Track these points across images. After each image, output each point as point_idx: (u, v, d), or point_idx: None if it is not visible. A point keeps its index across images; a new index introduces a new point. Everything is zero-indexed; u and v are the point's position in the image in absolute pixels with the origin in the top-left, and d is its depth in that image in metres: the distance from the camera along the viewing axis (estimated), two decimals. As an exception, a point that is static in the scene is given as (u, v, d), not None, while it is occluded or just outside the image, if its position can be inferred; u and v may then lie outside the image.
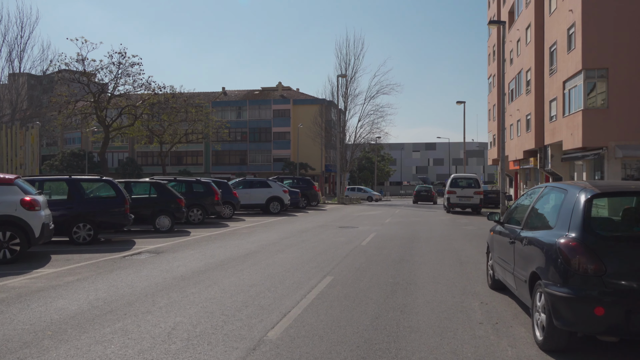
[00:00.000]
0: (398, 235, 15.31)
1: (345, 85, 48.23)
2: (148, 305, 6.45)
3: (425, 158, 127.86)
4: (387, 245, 12.87)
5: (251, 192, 25.48)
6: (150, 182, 16.15)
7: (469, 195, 27.67)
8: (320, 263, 9.84)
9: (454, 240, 14.24)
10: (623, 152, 23.60)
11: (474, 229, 18.27)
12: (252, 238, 14.25)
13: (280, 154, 79.34)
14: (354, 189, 54.85)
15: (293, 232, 15.98)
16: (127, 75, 30.34)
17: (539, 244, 5.12)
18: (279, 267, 9.37)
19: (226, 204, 21.92)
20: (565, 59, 27.40)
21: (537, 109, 34.37)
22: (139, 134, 34.31)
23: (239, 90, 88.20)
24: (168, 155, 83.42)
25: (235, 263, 9.79)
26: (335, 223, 20.00)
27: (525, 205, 6.65)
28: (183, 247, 12.27)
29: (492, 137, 55.77)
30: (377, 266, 9.56)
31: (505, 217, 7.13)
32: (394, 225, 19.49)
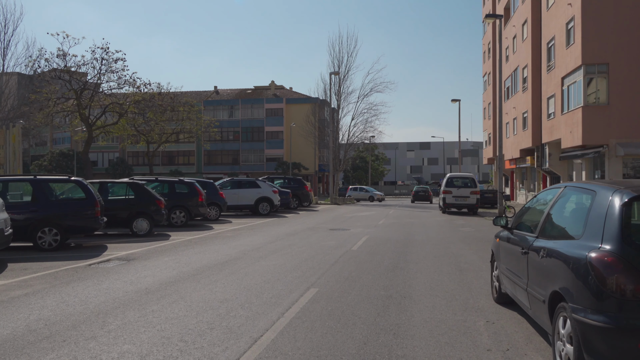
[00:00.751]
0: (392, 239, 14.37)
1: (339, 83, 47.29)
2: (96, 328, 5.47)
3: (420, 157, 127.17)
4: (379, 249, 11.93)
5: (239, 193, 24.48)
6: (127, 182, 15.13)
7: (465, 195, 26.79)
8: (305, 272, 8.88)
9: (452, 244, 13.32)
10: (625, 150, 22.79)
11: (471, 230, 17.36)
12: (235, 242, 13.27)
13: (273, 153, 78.30)
14: (356, 189, 53.72)
15: (280, 236, 15.01)
16: (112, 71, 29.24)
17: (561, 257, 4.18)
18: (258, 277, 8.40)
19: (212, 205, 20.93)
20: (563, 54, 26.58)
21: (534, 107, 33.56)
22: (124, 132, 33.17)
23: (231, 89, 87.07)
24: (159, 155, 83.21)
25: (211, 272, 8.81)
26: (326, 225, 19.05)
27: (538, 208, 5.72)
28: (158, 253, 11.27)
29: (487, 136, 55.00)
30: (368, 275, 8.61)
31: (513, 222, 6.19)
32: (387, 227, 18.56)
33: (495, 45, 48.62)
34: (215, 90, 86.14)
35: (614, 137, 23.43)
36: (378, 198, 52.75)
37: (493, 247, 7.03)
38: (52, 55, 27.78)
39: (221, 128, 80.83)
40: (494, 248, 6.97)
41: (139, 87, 30.58)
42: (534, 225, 5.45)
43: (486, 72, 54.92)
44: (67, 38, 27.42)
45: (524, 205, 6.23)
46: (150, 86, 31.59)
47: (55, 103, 28.35)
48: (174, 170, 76.00)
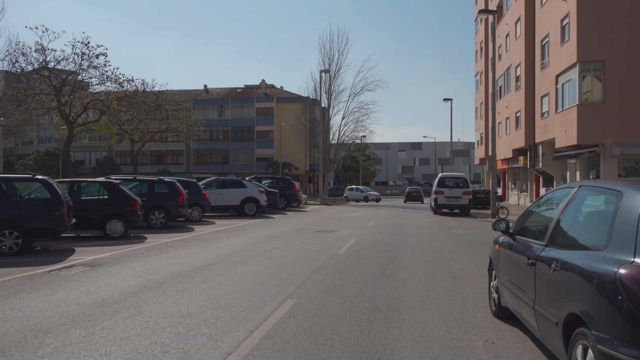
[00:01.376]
0: (381, 242, 13.61)
1: (329, 81, 46.58)
2: (28, 352, 4.65)
3: (411, 158, 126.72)
4: (367, 254, 11.16)
5: (224, 193, 23.64)
6: (100, 182, 14.24)
7: (457, 195, 26.12)
8: (284, 280, 8.09)
9: (444, 247, 12.58)
10: (620, 149, 22.20)
11: (464, 233, 16.65)
12: (213, 245, 12.45)
13: (263, 153, 77.40)
14: (352, 189, 53.26)
15: (263, 238, 14.20)
16: (94, 67, 28.21)
17: (581, 272, 3.43)
18: (231, 286, 7.60)
19: (195, 205, 20.09)
20: (558, 51, 25.98)
21: (527, 106, 32.99)
22: (106, 130, 32.16)
23: (221, 88, 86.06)
24: (147, 154, 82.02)
25: (180, 280, 8.00)
26: (312, 227, 18.26)
27: (546, 212, 4.98)
28: (127, 257, 10.43)
29: (479, 136, 54.47)
30: (353, 284, 7.83)
31: (515, 227, 5.44)
32: (377, 228, 17.81)
33: (487, 44, 48.11)
34: (205, 89, 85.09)
35: (609, 136, 22.83)
36: (373, 198, 51.53)
37: (492, 254, 6.27)
38: (30, 49, 26.77)
39: (211, 127, 79.95)
40: (492, 255, 6.21)
41: (121, 83, 29.58)
42: (541, 231, 4.70)
43: (478, 72, 54.40)
44: (46, 32, 26.43)
45: (527, 208, 5.47)
46: (134, 82, 30.64)
47: (32, 99, 27.27)
48: (163, 170, 74.90)
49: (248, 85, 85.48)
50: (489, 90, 47.47)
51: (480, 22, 52.70)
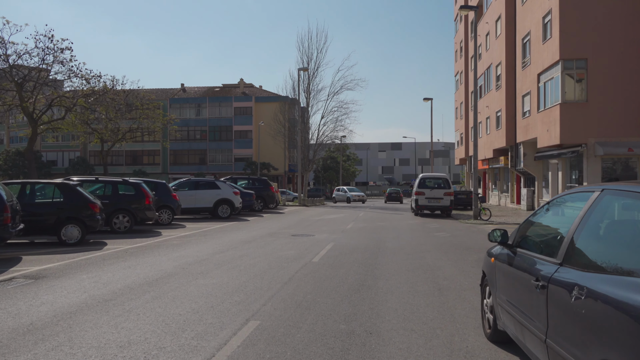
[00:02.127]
0: (360, 246, 12.75)
1: (308, 80, 45.71)
2: None
3: (391, 158, 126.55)
4: (345, 261, 10.27)
5: (197, 194, 22.54)
6: (54, 183, 13.07)
7: (438, 196, 25.44)
8: (249, 294, 7.15)
9: (427, 253, 11.77)
10: (604, 149, 21.75)
11: (447, 236, 15.89)
12: (178, 252, 11.43)
13: (241, 153, 76.09)
14: (339, 190, 53.01)
15: (233, 244, 13.22)
16: (59, 62, 26.74)
17: (621, 306, 2.57)
18: (187, 303, 6.63)
19: (164, 208, 19.00)
20: (540, 49, 25.51)
21: (508, 105, 32.56)
22: (73, 129, 30.65)
23: (198, 87, 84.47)
24: (122, 154, 80.00)
25: (130, 296, 7.00)
26: (288, 230, 17.33)
27: (555, 220, 4.14)
28: (78, 268, 9.36)
29: (459, 136, 54.16)
30: (327, 299, 6.93)
31: (516, 237, 4.60)
32: (356, 232, 16.95)
33: (467, 43, 47.76)
34: (182, 88, 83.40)
35: (592, 136, 22.39)
36: (356, 198, 49.77)
37: (485, 268, 5.42)
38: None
39: (188, 127, 78.38)
40: (486, 269, 5.36)
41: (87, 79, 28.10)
42: (550, 244, 3.86)
43: (458, 71, 54.08)
44: (7, 24, 24.94)
45: (530, 215, 4.61)
46: (102, 79, 29.20)
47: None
48: (138, 171, 73.10)
49: (226, 84, 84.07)
50: (469, 89, 47.12)
51: (460, 21, 52.38)
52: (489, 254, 5.32)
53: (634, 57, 22.13)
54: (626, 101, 22.18)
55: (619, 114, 22.22)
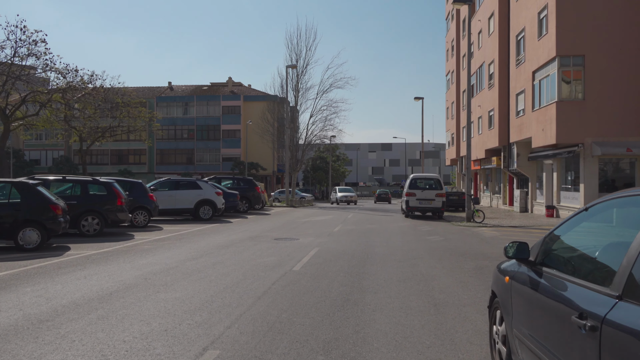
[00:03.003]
0: (347, 252, 11.73)
1: (296, 78, 44.58)
2: None
3: (381, 159, 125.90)
4: (329, 270, 9.25)
5: (177, 195, 21.42)
6: (11, 182, 11.91)
7: (430, 197, 24.50)
8: (214, 313, 6.10)
9: (419, 259, 10.79)
10: (602, 149, 20.93)
11: (440, 240, 14.93)
12: (146, 259, 10.34)
13: (229, 153, 74.87)
14: (335, 190, 51.24)
15: (209, 249, 12.14)
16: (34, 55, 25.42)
17: None
18: (138, 325, 5.57)
19: (139, 209, 17.88)
20: (535, 46, 24.69)
21: (501, 104, 31.76)
22: (49, 126, 29.31)
23: (186, 85, 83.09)
24: (107, 153, 78.40)
25: (72, 316, 5.92)
26: (272, 233, 16.27)
27: (601, 235, 3.15)
28: (26, 278, 8.25)
29: (450, 137, 53.41)
30: (306, 318, 5.90)
31: (540, 252, 3.60)
32: (344, 235, 15.94)
33: (459, 41, 47.00)
34: (169, 86, 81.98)
35: (590, 135, 21.58)
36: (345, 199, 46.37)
37: (496, 287, 4.41)
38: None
39: (175, 126, 77.00)
40: (497, 289, 4.35)
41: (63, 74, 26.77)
42: (598, 267, 2.87)
43: (449, 71, 53.33)
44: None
45: (560, 225, 3.60)
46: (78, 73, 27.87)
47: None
48: (124, 170, 71.62)
49: (214, 82, 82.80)
50: (461, 89, 46.37)
51: (452, 20, 51.66)
52: (501, 270, 4.31)
53: (632, 53, 21.37)
54: (624, 99, 21.40)
55: (617, 112, 21.44)
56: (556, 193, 24.84)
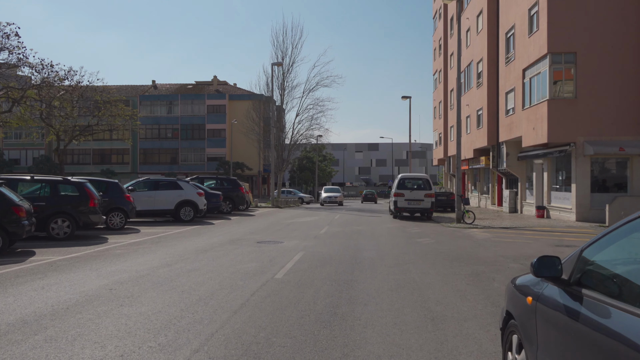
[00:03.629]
0: (334, 257, 11.00)
1: (282, 76, 43.81)
2: None
3: (368, 159, 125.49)
4: (314, 277, 8.51)
5: (156, 195, 20.51)
6: (-31, 182, 10.99)
7: (419, 198, 23.86)
8: (181, 332, 5.32)
9: (411, 264, 10.09)
10: (594, 148, 20.46)
11: (431, 243, 14.26)
12: (115, 266, 9.50)
13: (214, 152, 73.78)
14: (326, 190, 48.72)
15: (187, 253, 11.33)
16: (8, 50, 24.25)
17: None
18: (90, 349, 4.77)
19: (115, 210, 16.97)
20: (525, 43, 24.19)
21: (490, 103, 31.27)
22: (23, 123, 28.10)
23: (170, 84, 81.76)
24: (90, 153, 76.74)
25: (14, 337, 5.10)
26: (255, 235, 15.48)
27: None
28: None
29: (437, 136, 52.99)
30: (287, 338, 5.15)
31: (575, 269, 2.88)
32: (330, 237, 15.21)
33: (447, 39, 46.57)
34: (153, 84, 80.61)
35: (582, 134, 21.11)
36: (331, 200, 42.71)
37: (514, 308, 3.68)
38: None
39: (159, 125, 75.69)
40: (516, 310, 3.63)
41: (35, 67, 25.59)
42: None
43: (437, 70, 52.91)
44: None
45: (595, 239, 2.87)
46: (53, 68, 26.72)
47: None
48: (106, 170, 70.24)
49: (199, 81, 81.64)
50: (449, 88, 45.94)
51: (439, 18, 51.25)
52: (519, 288, 3.60)
53: (625, 50, 20.95)
54: (617, 98, 20.97)
55: (610, 111, 21.00)
56: (547, 193, 24.37)
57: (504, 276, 8.83)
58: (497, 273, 9.20)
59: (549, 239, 14.94)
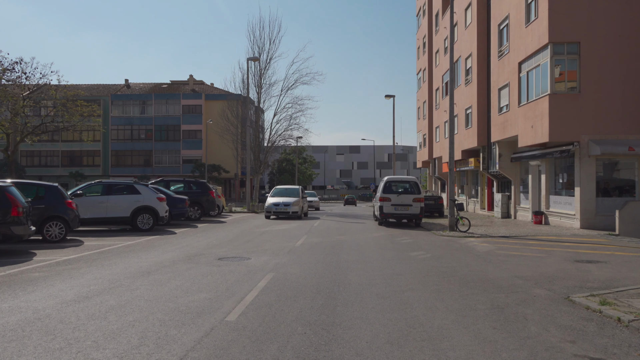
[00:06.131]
0: (310, 282, 8.62)
1: (259, 73, 41.33)
2: None
3: (350, 161, 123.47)
4: (282, 319, 6.12)
5: (109, 201, 17.88)
6: None
7: (407, 203, 21.63)
8: None
9: (410, 293, 7.77)
10: (601, 148, 18.47)
11: (427, 258, 11.97)
12: (11, 301, 6.98)
13: (190, 154, 70.80)
14: None
15: (122, 278, 8.83)
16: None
17: None
18: None
19: (54, 219, 14.33)
20: (522, 34, 22.18)
21: (480, 101, 29.29)
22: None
23: (144, 83, 78.52)
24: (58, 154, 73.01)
25: None
26: (218, 249, 13.01)
27: None
28: None
29: (422, 137, 51.06)
30: None
31: None
32: (308, 251, 12.82)
33: (431, 37, 44.64)
34: (126, 83, 77.33)
35: (586, 132, 19.12)
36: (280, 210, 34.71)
37: None
38: None
39: (132, 125, 72.37)
40: None
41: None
42: None
43: (421, 69, 51.00)
44: None
45: None
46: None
47: None
48: (75, 173, 66.81)
49: (174, 80, 78.67)
50: (434, 87, 44.00)
51: (423, 15, 49.37)
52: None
53: (633, 40, 19.05)
54: (624, 92, 19.06)
55: (617, 107, 19.06)
56: (545, 197, 22.34)
57: (537, 312, 6.59)
58: (525, 306, 6.94)
59: (562, 252, 12.79)
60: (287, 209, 26.35)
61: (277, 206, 26.42)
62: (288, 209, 26.19)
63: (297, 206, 26.67)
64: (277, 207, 26.42)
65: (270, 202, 26.58)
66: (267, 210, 26.38)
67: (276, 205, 26.25)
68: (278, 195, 27.50)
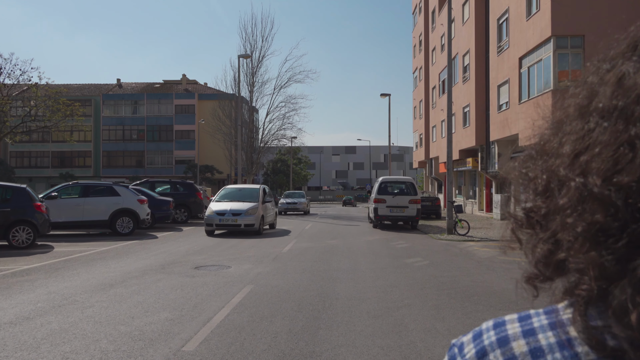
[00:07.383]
0: (293, 296, 7.58)
1: (251, 71, 40.32)
2: None
3: (345, 162, 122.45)
4: (251, 348, 5.08)
5: (86, 204, 16.81)
6: None
7: (402, 204, 20.63)
8: None
9: (406, 310, 6.75)
10: (607, 146, 17.45)
11: (425, 265, 10.95)
12: None
13: (183, 155, 69.62)
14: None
15: (81, 291, 7.77)
16: None
17: None
18: None
19: (21, 224, 13.26)
20: (522, 28, 21.23)
21: (479, 99, 28.33)
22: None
23: (136, 82, 77.30)
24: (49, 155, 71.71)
25: None
26: (198, 256, 11.95)
27: None
28: None
29: (418, 137, 50.11)
30: None
31: None
32: (295, 258, 11.78)
33: (428, 34, 43.71)
34: (118, 83, 76.11)
35: (592, 130, 18.15)
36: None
37: None
38: None
39: (123, 126, 71.12)
40: None
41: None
42: None
43: (417, 67, 50.06)
44: None
45: None
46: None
47: None
48: (65, 174, 65.50)
49: (167, 80, 77.52)
50: (430, 85, 43.08)
51: (419, 13, 48.45)
52: None
53: None
54: (631, 88, 18.10)
55: (623, 103, 18.10)
56: (547, 198, 21.38)
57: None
58: (540, 327, 5.90)
59: (571, 258, 11.78)
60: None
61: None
62: (239, 220, 17.54)
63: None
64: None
65: (213, 210, 17.79)
66: (208, 222, 17.55)
67: (220, 215, 17.56)
68: (227, 199, 18.90)
